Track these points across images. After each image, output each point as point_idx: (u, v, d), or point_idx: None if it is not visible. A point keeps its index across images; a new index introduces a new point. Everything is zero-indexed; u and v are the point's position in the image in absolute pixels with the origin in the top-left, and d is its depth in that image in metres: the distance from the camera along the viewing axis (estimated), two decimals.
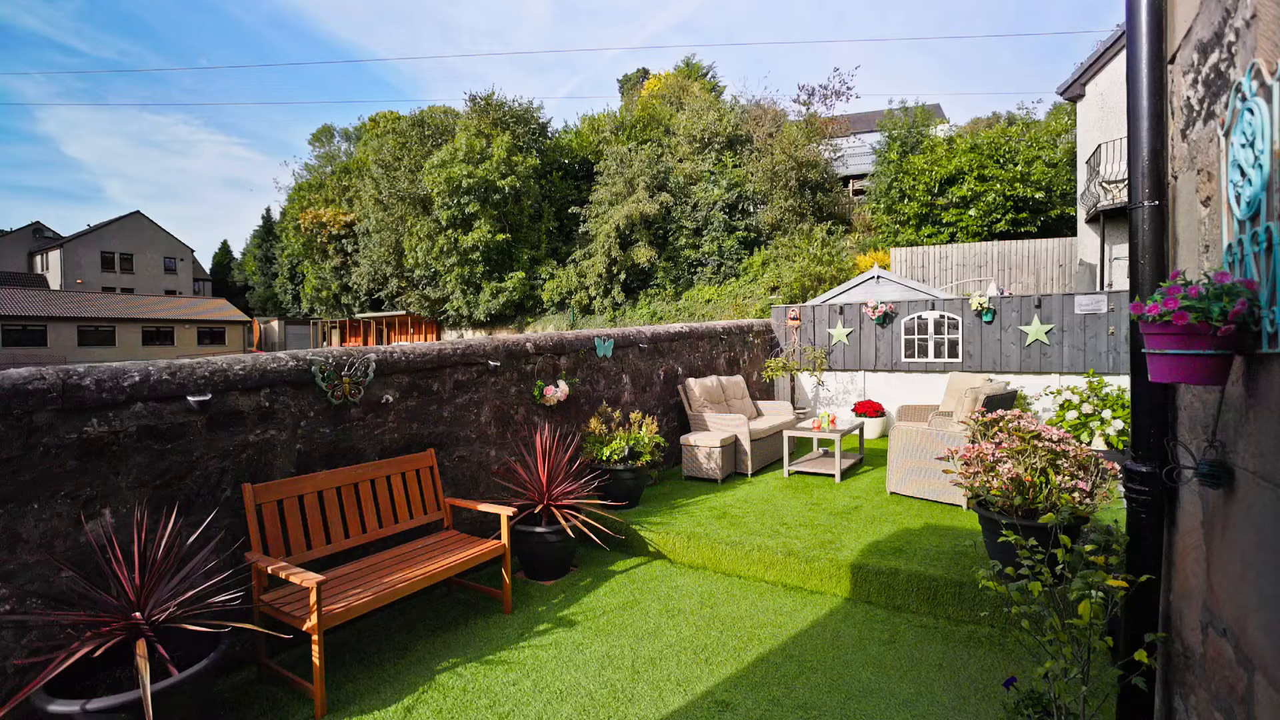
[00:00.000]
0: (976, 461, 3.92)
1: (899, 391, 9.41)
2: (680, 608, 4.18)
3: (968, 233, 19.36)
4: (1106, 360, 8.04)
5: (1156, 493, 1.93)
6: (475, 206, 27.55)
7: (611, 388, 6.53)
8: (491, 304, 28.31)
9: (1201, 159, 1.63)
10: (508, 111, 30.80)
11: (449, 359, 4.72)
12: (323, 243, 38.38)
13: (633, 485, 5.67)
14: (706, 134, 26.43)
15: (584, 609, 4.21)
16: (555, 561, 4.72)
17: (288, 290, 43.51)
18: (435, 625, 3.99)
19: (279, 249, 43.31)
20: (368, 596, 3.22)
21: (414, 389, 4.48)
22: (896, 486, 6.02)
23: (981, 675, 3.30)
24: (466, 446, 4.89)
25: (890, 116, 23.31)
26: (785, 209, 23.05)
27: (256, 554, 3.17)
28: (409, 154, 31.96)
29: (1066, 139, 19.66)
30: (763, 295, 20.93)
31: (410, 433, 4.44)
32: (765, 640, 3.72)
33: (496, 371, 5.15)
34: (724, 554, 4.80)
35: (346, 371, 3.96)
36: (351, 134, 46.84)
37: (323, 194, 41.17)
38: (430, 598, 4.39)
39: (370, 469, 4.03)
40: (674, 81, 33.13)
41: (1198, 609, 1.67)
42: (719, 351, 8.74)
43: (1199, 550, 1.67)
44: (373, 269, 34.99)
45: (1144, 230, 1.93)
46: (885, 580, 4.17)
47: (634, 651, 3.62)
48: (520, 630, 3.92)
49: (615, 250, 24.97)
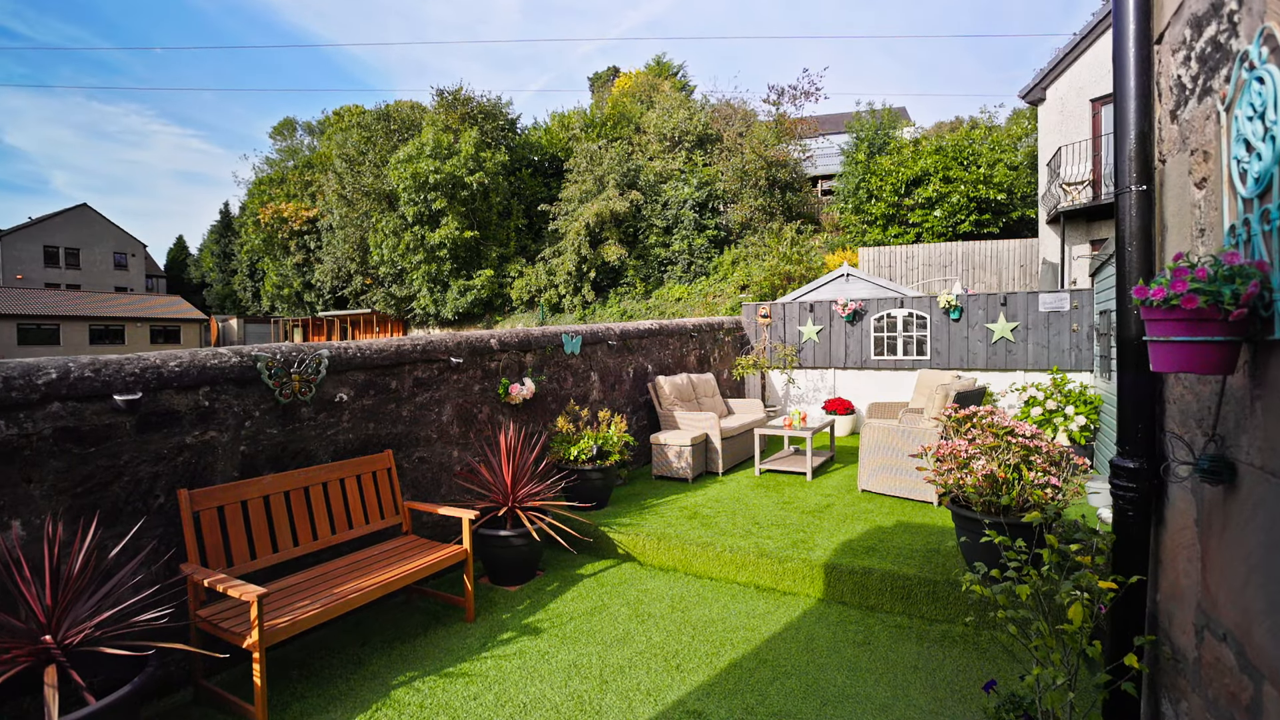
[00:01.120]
0: (950, 458, 3.87)
1: (869, 389, 9.44)
2: (650, 612, 4.04)
3: (933, 233, 19.67)
4: (1069, 357, 8.17)
5: (1144, 489, 1.86)
6: (442, 203, 27.01)
7: (580, 385, 6.36)
8: (459, 302, 27.80)
9: (1195, 139, 1.56)
10: (476, 107, 30.31)
11: (408, 356, 4.50)
12: (284, 239, 37.26)
13: (601, 485, 5.51)
14: (677, 132, 26.39)
15: (550, 615, 4.04)
16: (520, 566, 4.54)
17: (247, 287, 42.15)
18: (393, 636, 3.78)
19: (238, 245, 41.92)
20: (316, 609, 3.00)
21: (370, 387, 4.25)
22: (868, 484, 5.98)
23: (957, 676, 3.23)
24: (427, 447, 4.67)
25: (858, 118, 23.56)
26: (755, 208, 23.13)
27: (193, 565, 2.93)
28: (374, 148, 31.21)
29: (1027, 143, 20.13)
30: (732, 294, 20.97)
31: (366, 433, 4.22)
32: (738, 645, 3.61)
33: (459, 369, 4.94)
34: (695, 555, 4.68)
35: (296, 369, 3.72)
36: (315, 128, 45.62)
37: (284, 189, 39.98)
38: (388, 607, 4.17)
39: (322, 471, 3.80)
40: (645, 80, 33.02)
41: (1190, 611, 1.60)
42: (689, 349, 8.63)
43: (1192, 549, 1.60)
44: (336, 266, 34.08)
45: (1131, 216, 1.85)
46: (859, 580, 4.09)
47: (602, 659, 3.47)
48: (483, 639, 3.74)
49: (585, 248, 24.74)
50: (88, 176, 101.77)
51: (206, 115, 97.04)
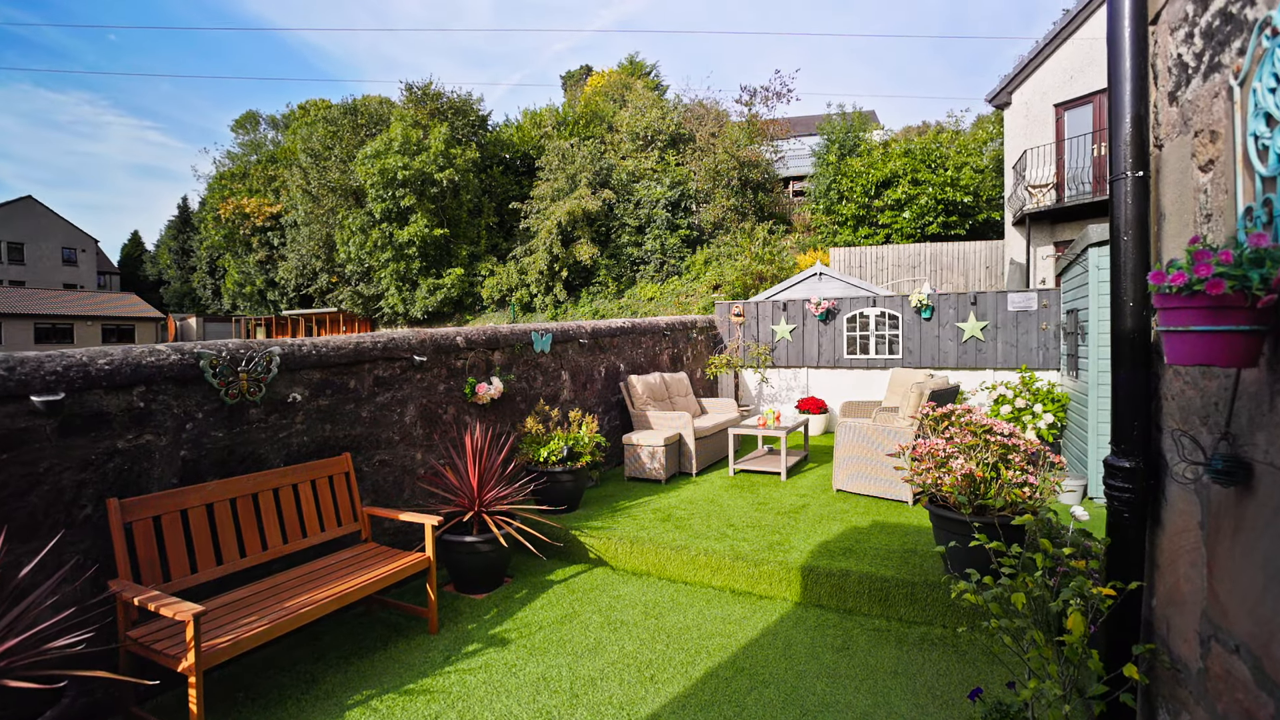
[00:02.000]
0: (928, 457, 3.81)
1: (842, 388, 9.43)
2: (623, 619, 3.89)
3: (902, 234, 19.91)
4: (1037, 356, 8.27)
5: (1140, 490, 1.78)
6: (411, 200, 26.46)
7: (550, 385, 6.18)
8: (429, 301, 27.25)
9: (1200, 120, 1.47)
10: (446, 102, 29.78)
11: (368, 353, 4.28)
12: (246, 235, 36.11)
13: (572, 488, 5.34)
14: (649, 131, 26.28)
15: (518, 624, 3.86)
16: (487, 573, 4.34)
17: (207, 285, 40.79)
18: (349, 651, 3.56)
19: (197, 241, 40.54)
20: (263, 625, 2.78)
21: (327, 386, 4.02)
22: (842, 484, 5.92)
23: (938, 681, 3.15)
24: (389, 449, 4.45)
25: (829, 120, 23.76)
26: (727, 208, 23.15)
27: (123, 582, 2.68)
28: (341, 143, 30.44)
29: (992, 147, 20.54)
30: (705, 294, 20.94)
31: (323, 435, 3.98)
32: (714, 653, 3.48)
33: (423, 367, 4.72)
34: (669, 559, 4.54)
35: (244, 367, 3.48)
36: (279, 121, 44.32)
37: (247, 184, 38.77)
38: (346, 619, 3.94)
39: (274, 476, 3.56)
40: (617, 79, 32.88)
41: (1194, 619, 1.52)
42: (662, 347, 8.51)
43: (1196, 554, 1.51)
44: (301, 263, 33.16)
45: (1127, 204, 1.77)
46: (836, 583, 4.00)
47: (572, 671, 3.31)
48: (447, 652, 3.54)
49: (557, 247, 24.47)
50: (34, 168, 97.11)
51: (165, 107, 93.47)
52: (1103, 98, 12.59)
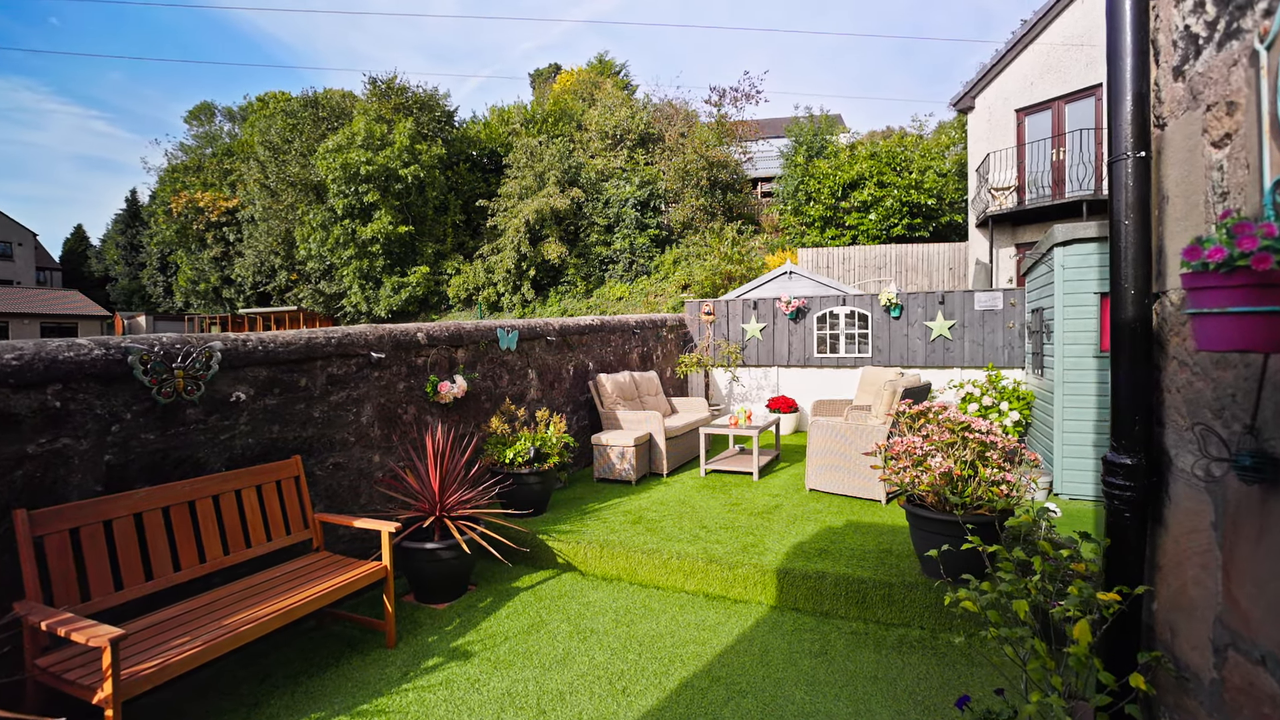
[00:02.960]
0: (905, 456, 3.73)
1: (812, 387, 9.41)
2: (593, 628, 3.72)
3: (868, 235, 20.16)
4: (1003, 354, 8.36)
5: (1142, 489, 1.70)
6: (375, 196, 25.75)
7: (516, 383, 5.96)
8: (393, 300, 26.56)
9: (1214, 92, 1.38)
10: (411, 97, 29.07)
11: (321, 350, 4.01)
12: (200, 230, 34.70)
13: (539, 490, 5.14)
14: (619, 131, 26.11)
15: (482, 636, 3.65)
16: (449, 581, 4.12)
17: (158, 282, 39.09)
18: (299, 669, 3.31)
19: (147, 236, 38.81)
20: (196, 647, 2.53)
21: (275, 385, 3.75)
22: (815, 483, 5.85)
23: (918, 685, 3.06)
24: (343, 452, 4.19)
25: (796, 123, 23.95)
26: (696, 208, 23.13)
27: (30, 603, 2.39)
28: (301, 137, 29.46)
29: (954, 151, 20.97)
30: (674, 293, 20.87)
31: (270, 437, 3.71)
32: (689, 661, 3.33)
33: (381, 365, 4.47)
34: (640, 563, 4.38)
35: (180, 363, 3.20)
36: (236, 114, 42.74)
37: (201, 177, 37.28)
38: (295, 633, 3.68)
39: (214, 482, 3.28)
40: (586, 77, 32.59)
41: (1205, 626, 1.42)
42: (632, 346, 8.35)
43: (1208, 556, 1.42)
44: (259, 260, 32.02)
45: (1128, 187, 1.68)
46: (813, 585, 3.90)
47: (540, 686, 3.12)
48: (405, 668, 3.32)
49: (525, 245, 24.11)
50: None
51: (113, 96, 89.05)
52: (1061, 104, 12.90)
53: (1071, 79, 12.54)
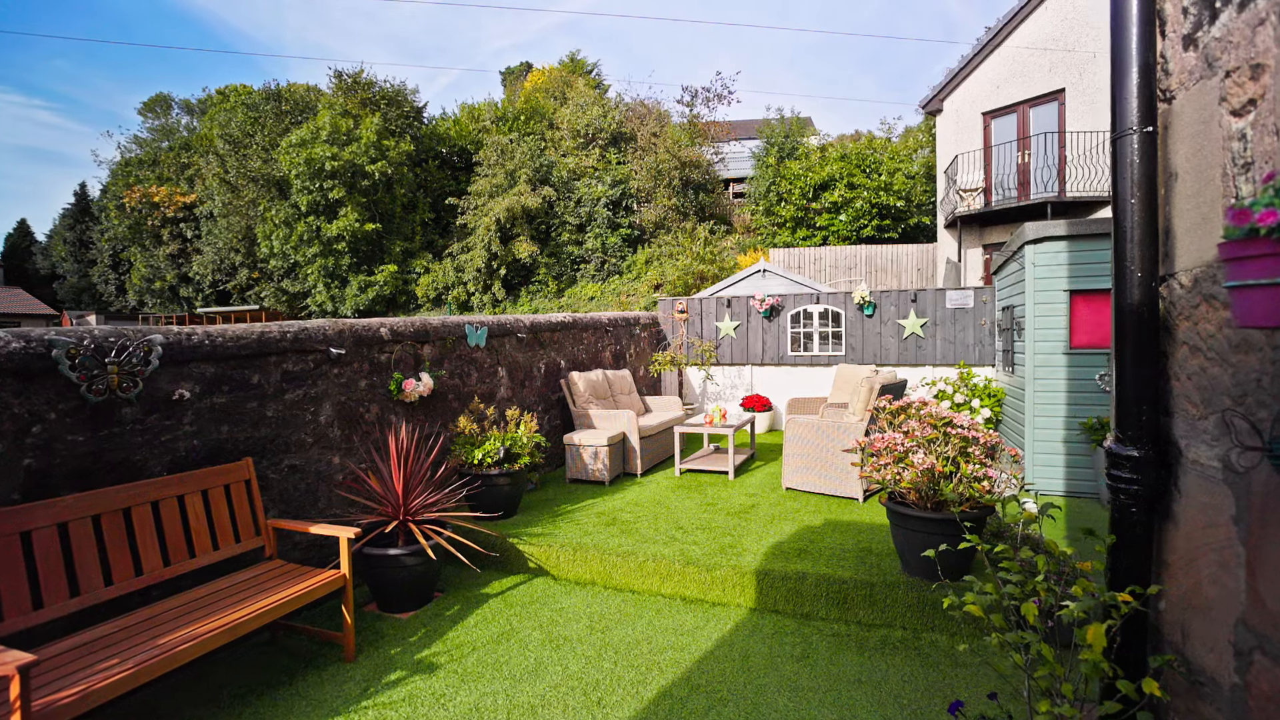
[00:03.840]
0: (887, 452, 3.65)
1: (786, 385, 9.37)
2: (566, 635, 3.55)
3: (839, 236, 20.34)
4: (974, 352, 8.42)
5: (1150, 482, 1.61)
6: (340, 192, 25.07)
7: (486, 382, 5.76)
8: (360, 299, 25.89)
9: (1235, 56, 1.29)
10: (379, 92, 28.39)
11: (275, 345, 3.77)
12: (155, 226, 33.38)
13: (509, 492, 4.95)
14: (591, 129, 25.90)
15: (449, 646, 3.46)
16: (414, 588, 3.91)
17: (110, 280, 37.50)
18: (248, 688, 3.07)
19: (99, 232, 37.22)
20: (126, 670, 2.29)
21: (224, 382, 3.50)
22: (792, 482, 5.77)
23: (903, 687, 2.97)
24: (300, 453, 3.94)
25: (768, 124, 24.08)
26: (668, 207, 23.06)
27: None
28: (263, 131, 28.54)
29: (922, 154, 21.30)
30: (646, 293, 20.76)
31: (218, 438, 3.46)
32: (666, 669, 3.19)
33: (341, 361, 4.24)
34: (615, 566, 4.23)
35: (114, 358, 2.94)
36: (194, 106, 41.28)
37: (157, 171, 35.89)
38: (246, 649, 3.44)
39: (153, 488, 3.03)
40: (558, 76, 32.27)
41: (1225, 627, 1.34)
42: (605, 344, 8.19)
43: (1228, 552, 1.33)
44: (218, 257, 30.92)
45: (1133, 164, 1.59)
46: (792, 586, 3.79)
47: (510, 699, 2.95)
48: (364, 683, 3.11)
49: (495, 244, 23.73)
50: None
51: (60, 85, 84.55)
52: (1026, 107, 13.15)
53: (1036, 83, 12.79)
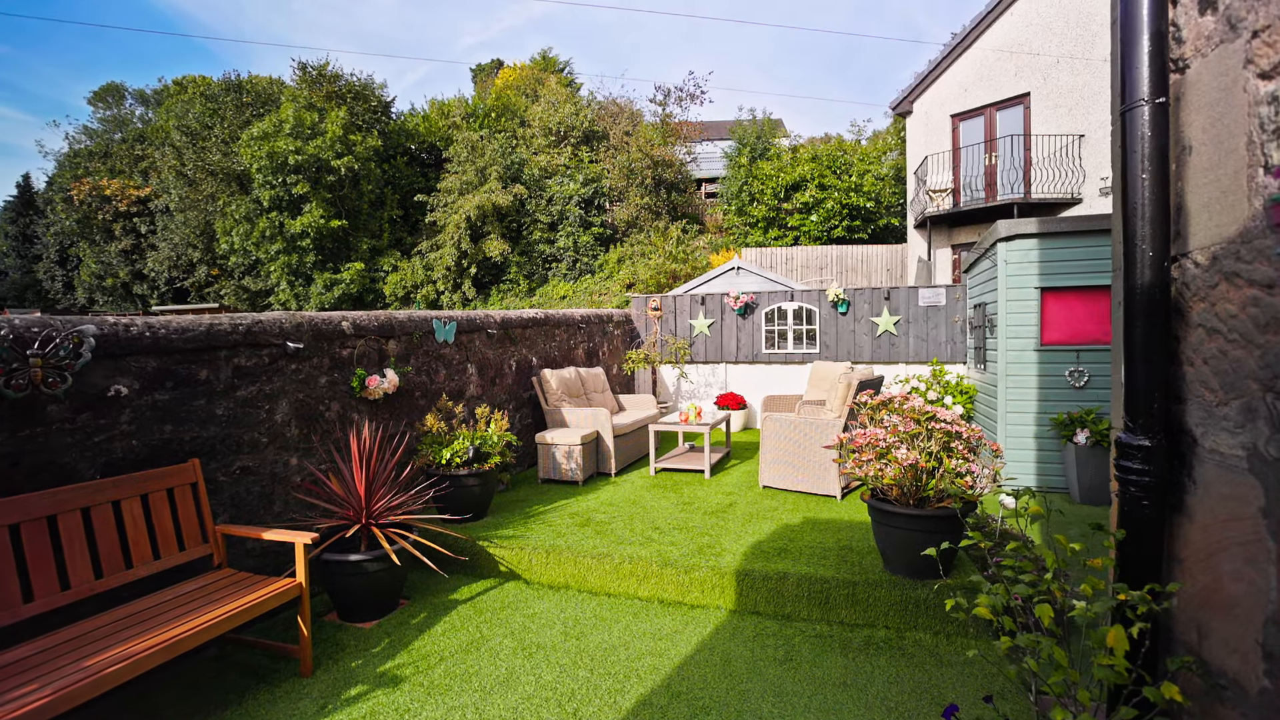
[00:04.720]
0: (869, 449, 3.57)
1: (761, 383, 9.32)
2: (539, 642, 3.39)
3: (810, 236, 20.51)
4: (946, 350, 8.48)
5: (1162, 473, 1.53)
6: (304, 187, 24.33)
7: (454, 379, 5.54)
8: (325, 297, 25.16)
9: (1266, 13, 1.21)
10: (345, 85, 27.64)
11: (225, 338, 3.52)
12: (106, 220, 31.99)
13: (479, 493, 4.75)
14: (563, 127, 25.66)
15: (415, 657, 3.26)
16: (378, 596, 3.70)
17: (56, 276, 35.84)
18: (193, 708, 2.84)
19: (44, 226, 35.56)
20: (45, 696, 2.06)
21: (167, 377, 3.24)
22: (769, 480, 5.68)
23: (889, 690, 2.88)
24: (253, 454, 3.70)
25: (740, 125, 24.17)
26: (641, 207, 22.95)
27: None
28: (222, 123, 27.56)
29: (891, 157, 21.60)
30: (618, 292, 20.61)
31: (160, 438, 3.20)
32: (645, 676, 3.05)
33: (299, 356, 4.00)
34: (590, 569, 4.07)
35: (38, 350, 2.68)
36: (150, 97, 39.77)
37: (109, 163, 34.42)
38: (191, 666, 3.19)
39: (83, 493, 2.78)
40: (530, 73, 31.92)
41: (1251, 627, 1.25)
42: (577, 341, 8.02)
43: (1256, 547, 1.25)
44: (175, 254, 29.77)
45: (1144, 137, 1.51)
46: (773, 587, 3.69)
47: (480, 713, 2.77)
48: (322, 700, 2.90)
49: (466, 242, 23.31)
50: None
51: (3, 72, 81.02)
52: (993, 110, 13.38)
53: (1003, 87, 13.01)
